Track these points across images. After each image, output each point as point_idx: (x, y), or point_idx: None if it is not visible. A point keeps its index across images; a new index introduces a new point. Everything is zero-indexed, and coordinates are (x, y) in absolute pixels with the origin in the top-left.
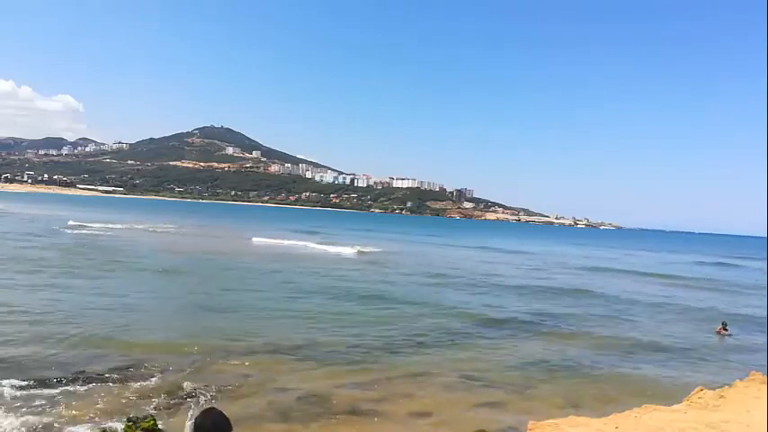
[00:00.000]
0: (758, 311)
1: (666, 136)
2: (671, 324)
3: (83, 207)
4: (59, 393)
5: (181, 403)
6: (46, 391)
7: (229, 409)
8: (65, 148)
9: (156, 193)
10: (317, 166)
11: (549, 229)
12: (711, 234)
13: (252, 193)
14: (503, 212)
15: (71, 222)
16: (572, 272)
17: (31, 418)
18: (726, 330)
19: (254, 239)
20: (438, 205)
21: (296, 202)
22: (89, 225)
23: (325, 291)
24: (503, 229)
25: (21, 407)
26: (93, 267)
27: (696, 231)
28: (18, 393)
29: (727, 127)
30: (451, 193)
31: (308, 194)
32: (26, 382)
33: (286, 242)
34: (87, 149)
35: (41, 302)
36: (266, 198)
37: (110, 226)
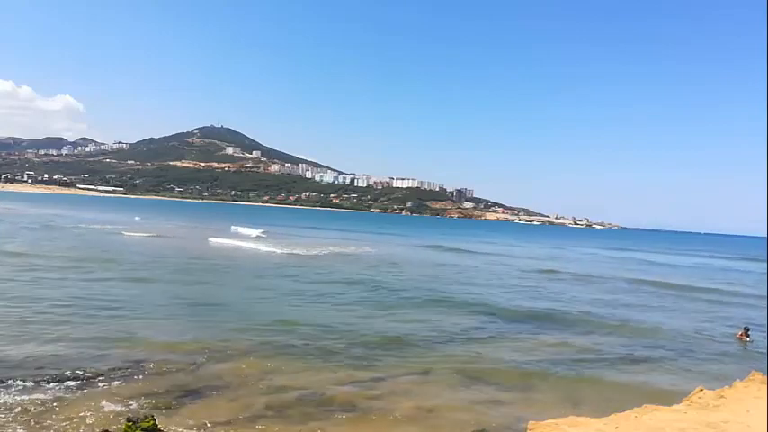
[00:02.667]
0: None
1: (667, 136)
2: (669, 326)
3: (54, 205)
4: (59, 393)
5: (181, 403)
6: (46, 392)
7: (229, 408)
8: (65, 148)
9: (156, 193)
10: (317, 166)
11: (545, 229)
12: (712, 234)
13: (252, 193)
14: (503, 212)
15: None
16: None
17: (31, 418)
18: (747, 336)
19: (212, 240)
20: (438, 205)
21: (296, 202)
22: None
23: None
24: (486, 228)
25: (21, 407)
26: None
27: (694, 231)
28: (18, 393)
29: (728, 127)
30: (451, 193)
31: (308, 194)
32: (26, 382)
33: (221, 241)
34: (87, 149)
35: (40, 302)
36: (266, 198)
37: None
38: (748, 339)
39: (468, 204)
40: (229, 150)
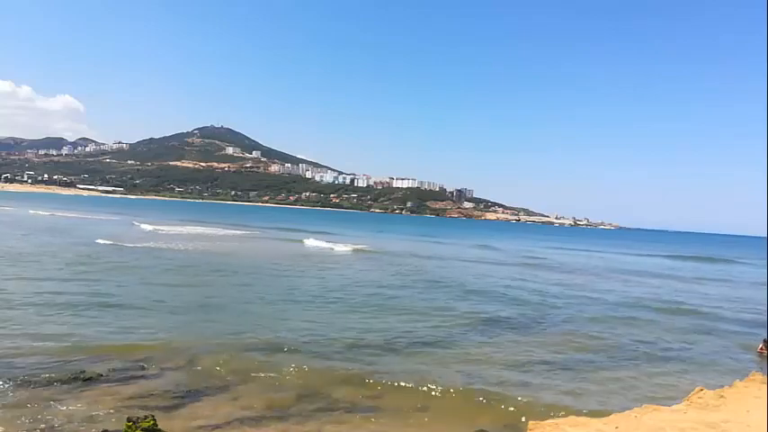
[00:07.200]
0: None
1: (667, 136)
2: (669, 326)
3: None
4: (59, 393)
5: (181, 403)
6: (46, 392)
7: (229, 408)
8: (65, 148)
9: (157, 193)
10: (317, 166)
11: (541, 229)
12: (712, 234)
13: (252, 193)
14: (503, 212)
15: None
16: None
17: (31, 418)
18: None
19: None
20: (438, 205)
21: (296, 202)
22: None
23: None
24: (470, 228)
25: (21, 407)
26: None
27: (693, 231)
28: (18, 393)
29: (728, 127)
30: (451, 193)
31: (307, 194)
32: (26, 383)
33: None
34: (87, 149)
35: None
36: (266, 198)
37: None
38: None
39: (468, 204)
40: (229, 150)
